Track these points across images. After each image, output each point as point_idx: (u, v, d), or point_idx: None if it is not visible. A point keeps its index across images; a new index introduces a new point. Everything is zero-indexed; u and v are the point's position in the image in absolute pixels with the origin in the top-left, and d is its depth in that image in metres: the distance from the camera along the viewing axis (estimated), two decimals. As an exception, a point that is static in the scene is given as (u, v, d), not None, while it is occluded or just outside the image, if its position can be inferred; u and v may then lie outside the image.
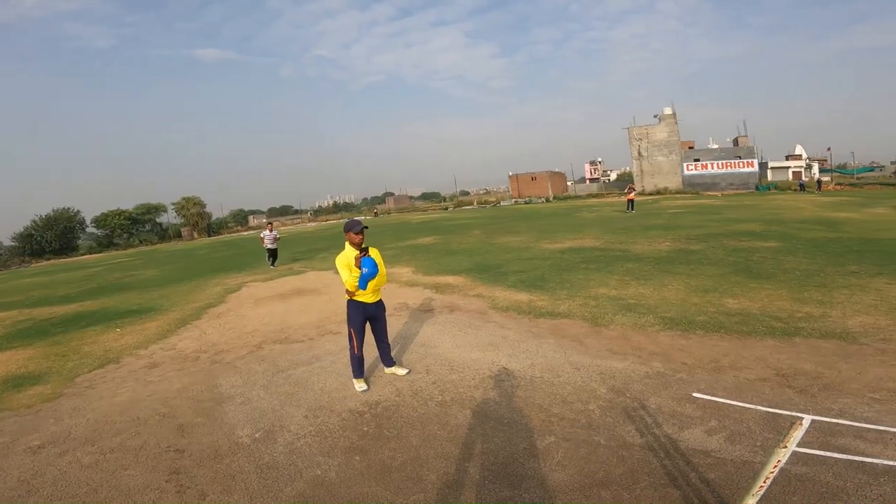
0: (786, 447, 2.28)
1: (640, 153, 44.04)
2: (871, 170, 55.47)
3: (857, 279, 7.55)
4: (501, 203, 52.14)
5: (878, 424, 3.66)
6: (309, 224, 52.19)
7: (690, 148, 48.12)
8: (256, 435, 3.99)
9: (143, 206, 54.95)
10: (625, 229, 15.21)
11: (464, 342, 5.90)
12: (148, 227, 55.60)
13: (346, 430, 3.95)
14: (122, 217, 52.12)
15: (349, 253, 4.50)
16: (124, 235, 52.20)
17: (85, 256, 44.03)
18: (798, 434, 3.65)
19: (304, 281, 11.30)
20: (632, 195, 24.03)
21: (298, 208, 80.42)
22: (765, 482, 2.43)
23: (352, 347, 4.69)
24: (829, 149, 57.19)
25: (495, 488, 3.02)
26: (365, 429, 3.94)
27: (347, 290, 4.55)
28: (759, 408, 4.02)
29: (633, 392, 4.31)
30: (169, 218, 57.01)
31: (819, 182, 38.58)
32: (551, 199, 42.74)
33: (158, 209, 56.13)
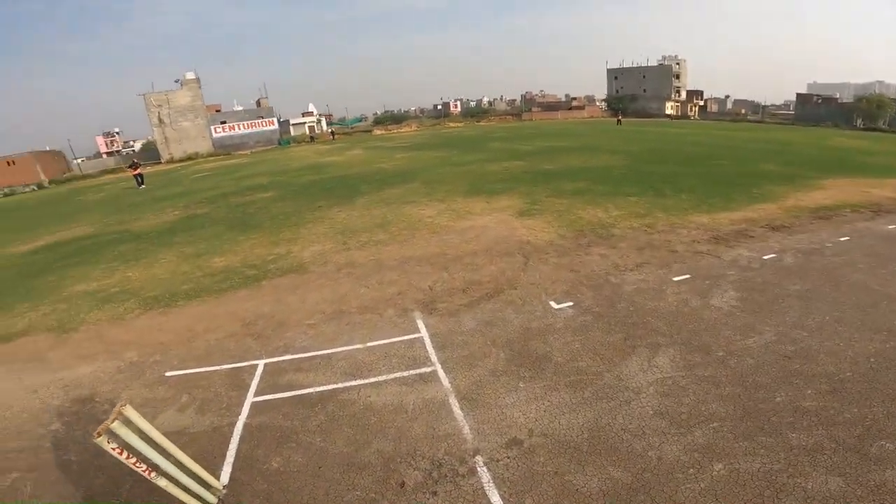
0: (101, 434, 2.13)
1: (161, 120, 40.03)
2: (360, 120, 72.22)
3: (321, 213, 9.31)
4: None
5: (310, 351, 4.31)
6: None
7: (217, 111, 47.96)
8: None
9: None
10: (131, 206, 13.26)
11: None
12: None
13: None
14: None
15: None
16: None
17: None
18: (253, 383, 3.87)
19: None
20: (138, 170, 21.45)
21: None
22: (146, 470, 2.35)
23: None
24: (327, 105, 69.81)
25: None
26: None
27: None
28: (224, 367, 4.20)
29: (103, 394, 3.94)
30: None
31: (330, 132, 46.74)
32: (46, 184, 32.60)
33: None
